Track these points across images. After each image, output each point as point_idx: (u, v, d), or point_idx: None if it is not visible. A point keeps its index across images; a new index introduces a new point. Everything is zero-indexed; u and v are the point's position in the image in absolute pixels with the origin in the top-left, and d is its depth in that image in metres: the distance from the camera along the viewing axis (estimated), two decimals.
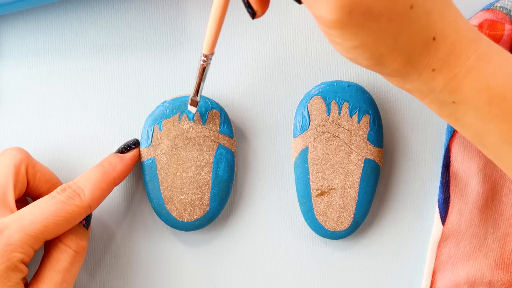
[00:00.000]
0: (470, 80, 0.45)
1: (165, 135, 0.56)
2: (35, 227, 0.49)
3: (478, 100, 0.45)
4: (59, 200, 0.51)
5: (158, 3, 0.58)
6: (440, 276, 0.57)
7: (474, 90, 0.45)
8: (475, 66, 0.45)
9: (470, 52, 0.45)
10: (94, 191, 0.52)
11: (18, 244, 0.49)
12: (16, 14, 0.57)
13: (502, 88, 0.45)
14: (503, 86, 0.45)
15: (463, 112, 0.46)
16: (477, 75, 0.45)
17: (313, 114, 0.56)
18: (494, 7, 0.56)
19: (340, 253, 0.58)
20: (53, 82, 0.58)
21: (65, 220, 0.50)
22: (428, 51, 0.44)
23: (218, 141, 0.56)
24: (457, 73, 0.45)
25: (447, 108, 0.46)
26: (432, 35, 0.44)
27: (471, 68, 0.45)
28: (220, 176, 0.56)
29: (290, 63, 0.58)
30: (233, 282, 0.58)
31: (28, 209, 0.50)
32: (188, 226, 0.56)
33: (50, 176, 0.54)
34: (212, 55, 0.51)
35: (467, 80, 0.45)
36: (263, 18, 0.57)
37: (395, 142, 0.58)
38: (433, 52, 0.45)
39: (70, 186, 0.52)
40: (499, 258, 0.56)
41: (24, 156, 0.53)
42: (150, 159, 0.56)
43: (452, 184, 0.57)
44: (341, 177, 0.56)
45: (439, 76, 0.45)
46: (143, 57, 0.58)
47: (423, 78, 0.45)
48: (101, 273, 0.58)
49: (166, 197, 0.56)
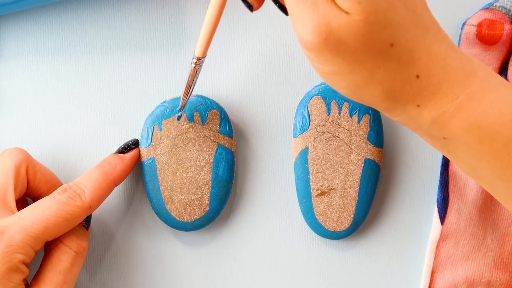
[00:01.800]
0: (459, 120, 0.43)
1: (164, 135, 0.56)
2: (36, 228, 0.49)
3: (468, 138, 0.43)
4: (59, 201, 0.51)
5: (158, 3, 0.58)
6: (439, 276, 0.57)
7: (464, 129, 0.43)
8: (463, 106, 0.43)
9: (459, 91, 0.43)
10: (95, 192, 0.52)
11: (19, 245, 0.49)
12: (16, 14, 0.57)
13: (493, 128, 0.43)
14: (494, 126, 0.43)
15: (454, 147, 0.44)
16: (466, 114, 0.43)
17: (313, 114, 0.56)
18: (494, 7, 0.56)
19: (340, 253, 0.58)
20: (53, 82, 0.58)
21: (66, 220, 0.50)
22: (410, 88, 0.43)
23: (217, 141, 0.56)
24: (444, 111, 0.43)
25: (438, 142, 0.45)
26: (415, 73, 0.43)
27: (460, 108, 0.43)
28: (220, 176, 0.56)
29: (290, 63, 0.58)
30: (233, 282, 0.58)
31: (29, 210, 0.50)
32: (187, 226, 0.56)
33: (50, 176, 0.54)
34: (204, 58, 0.51)
35: (455, 119, 0.43)
36: (263, 18, 0.57)
37: (395, 142, 0.58)
38: (417, 89, 0.43)
39: (71, 186, 0.52)
40: (498, 258, 0.57)
41: (24, 157, 0.53)
42: (150, 159, 0.56)
43: (451, 184, 0.57)
44: (341, 177, 0.56)
45: (425, 113, 0.44)
46: (143, 57, 0.58)
47: (408, 113, 0.44)
48: (101, 273, 0.58)
49: (165, 197, 0.56)
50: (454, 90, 0.43)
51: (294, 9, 0.42)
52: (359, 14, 0.41)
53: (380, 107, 0.45)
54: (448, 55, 0.43)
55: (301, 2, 0.42)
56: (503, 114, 0.43)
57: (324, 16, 0.41)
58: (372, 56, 0.42)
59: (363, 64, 0.42)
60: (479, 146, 0.43)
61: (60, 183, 0.55)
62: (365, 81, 0.43)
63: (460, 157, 0.45)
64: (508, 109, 0.43)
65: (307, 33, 0.42)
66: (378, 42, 0.42)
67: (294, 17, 0.42)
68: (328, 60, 0.43)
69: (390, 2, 0.41)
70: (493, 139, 0.43)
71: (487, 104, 0.43)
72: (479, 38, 0.56)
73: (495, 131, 0.43)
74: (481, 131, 0.43)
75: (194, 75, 0.52)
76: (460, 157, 0.45)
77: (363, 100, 0.44)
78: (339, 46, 0.42)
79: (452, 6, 0.57)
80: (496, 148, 0.43)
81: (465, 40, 0.56)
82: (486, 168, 0.44)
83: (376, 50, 0.42)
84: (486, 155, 0.44)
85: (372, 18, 0.41)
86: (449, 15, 0.57)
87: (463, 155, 0.44)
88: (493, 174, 0.44)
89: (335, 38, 0.41)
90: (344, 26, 0.41)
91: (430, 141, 0.46)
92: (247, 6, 0.47)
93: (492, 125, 0.43)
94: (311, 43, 0.42)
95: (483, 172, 0.45)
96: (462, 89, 0.43)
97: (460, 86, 0.43)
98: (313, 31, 0.42)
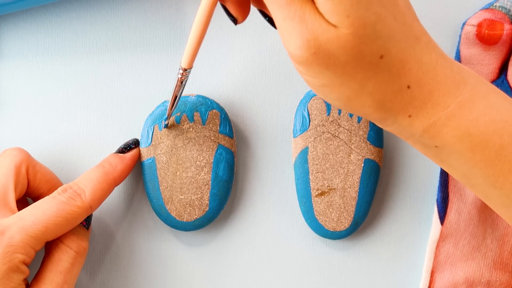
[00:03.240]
0: (450, 128, 0.43)
1: (165, 135, 0.55)
2: (36, 228, 0.49)
3: (460, 146, 0.43)
4: (60, 201, 0.51)
5: (158, 3, 0.58)
6: (438, 276, 0.57)
7: (455, 138, 0.43)
8: (455, 114, 0.43)
9: (450, 99, 0.43)
10: (95, 192, 0.52)
11: (20, 245, 0.49)
12: (16, 14, 0.57)
13: (485, 136, 0.43)
14: (485, 134, 0.43)
15: (447, 155, 0.44)
16: (457, 123, 0.43)
17: (313, 114, 0.56)
18: (494, 7, 0.56)
19: (340, 253, 0.58)
20: (53, 82, 0.58)
21: (66, 220, 0.50)
22: (401, 99, 0.43)
23: (218, 141, 0.56)
24: (436, 120, 0.43)
25: (430, 151, 0.45)
26: (406, 84, 0.43)
27: (451, 116, 0.43)
28: (220, 176, 0.56)
29: (290, 63, 0.58)
30: (232, 282, 0.58)
31: (29, 210, 0.50)
32: (187, 226, 0.56)
33: (51, 176, 0.54)
34: (190, 69, 0.50)
35: (447, 128, 0.43)
36: (263, 18, 0.57)
37: (395, 142, 0.58)
38: (408, 100, 0.43)
39: (71, 186, 0.52)
40: (497, 258, 0.57)
41: (24, 157, 0.53)
42: (150, 159, 0.56)
43: (451, 184, 0.57)
44: (341, 177, 0.56)
45: (417, 122, 0.44)
46: (143, 57, 0.58)
47: (400, 123, 0.44)
48: (101, 273, 0.58)
49: (165, 197, 0.56)
50: (445, 99, 0.43)
51: (283, 24, 0.42)
52: (347, 28, 0.41)
53: (371, 117, 0.45)
54: (439, 64, 0.43)
55: (289, 17, 0.41)
56: (495, 122, 0.43)
57: (312, 30, 0.41)
58: (362, 68, 0.42)
59: (353, 77, 0.42)
60: (471, 154, 0.43)
61: (61, 183, 0.55)
62: (355, 93, 0.43)
63: (452, 166, 0.45)
64: (500, 116, 0.43)
65: (296, 47, 0.42)
66: (367, 55, 0.42)
67: (283, 32, 0.42)
68: (318, 73, 0.42)
69: (379, 14, 0.41)
70: (485, 146, 0.43)
71: (478, 112, 0.43)
72: (479, 38, 0.56)
73: (487, 139, 0.43)
74: (472, 139, 0.43)
75: (180, 86, 0.52)
76: (453, 165, 0.45)
77: (354, 111, 0.44)
78: (329, 59, 0.42)
79: (452, 6, 0.57)
80: (488, 156, 0.43)
81: (465, 40, 0.56)
82: (479, 176, 0.44)
83: (366, 62, 0.42)
84: (478, 163, 0.44)
85: (361, 31, 0.41)
86: (449, 15, 0.57)
87: (456, 164, 0.44)
88: (486, 182, 0.44)
89: (325, 52, 0.41)
90: (333, 40, 0.41)
91: (422, 150, 0.46)
92: (231, 19, 0.47)
93: (483, 133, 0.43)
94: (300, 57, 0.42)
95: (476, 180, 0.45)
96: (453, 98, 0.43)
97: (451, 95, 0.43)
98: (302, 45, 0.41)
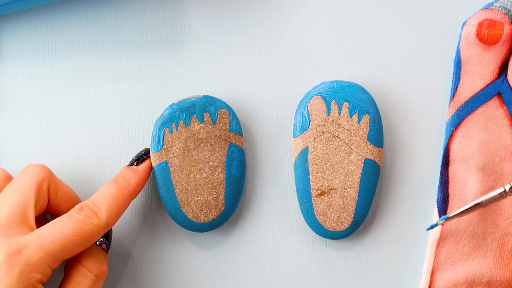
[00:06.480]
0: None
1: (176, 137, 0.55)
2: (54, 247, 0.49)
3: None
4: (77, 220, 0.50)
5: (158, 3, 0.58)
6: (439, 276, 0.57)
7: None
8: None
9: None
10: (111, 209, 0.52)
11: (37, 264, 0.48)
12: (16, 14, 0.57)
13: None
14: None
15: None
16: None
17: (313, 114, 0.56)
18: (494, 7, 0.56)
19: (340, 253, 0.58)
20: (53, 82, 0.58)
21: (84, 239, 0.50)
22: None
23: (229, 140, 0.56)
24: None
25: None
26: None
27: None
28: (233, 175, 0.56)
29: (290, 63, 0.58)
30: (232, 282, 0.58)
31: (47, 228, 0.50)
32: (204, 227, 0.56)
33: (71, 195, 0.54)
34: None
35: None
36: (263, 18, 0.57)
37: (395, 142, 0.58)
38: None
39: (87, 204, 0.51)
40: (498, 257, 0.57)
41: (46, 175, 0.52)
42: (163, 163, 0.55)
43: (451, 184, 0.57)
44: (341, 177, 0.56)
45: None
46: (143, 57, 0.58)
47: None
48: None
49: (181, 200, 0.55)
50: None
51: None
52: None
53: None
54: None
55: None
56: None
57: None
58: None
59: None
60: None
61: (80, 201, 0.55)
62: None
63: None
64: None
65: None
66: None
67: None
68: None
69: None
70: None
71: None
72: (479, 38, 0.56)
73: None
74: None
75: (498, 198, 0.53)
76: None
77: None
78: None
79: (452, 6, 0.57)
80: None
81: (465, 40, 0.56)
82: None
83: None
84: None
85: None
86: (449, 15, 0.57)
87: None
88: None
89: None
90: None
91: None
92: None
93: None
94: None
95: None
96: None
97: None
98: None
